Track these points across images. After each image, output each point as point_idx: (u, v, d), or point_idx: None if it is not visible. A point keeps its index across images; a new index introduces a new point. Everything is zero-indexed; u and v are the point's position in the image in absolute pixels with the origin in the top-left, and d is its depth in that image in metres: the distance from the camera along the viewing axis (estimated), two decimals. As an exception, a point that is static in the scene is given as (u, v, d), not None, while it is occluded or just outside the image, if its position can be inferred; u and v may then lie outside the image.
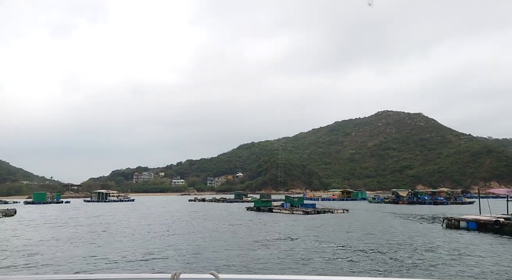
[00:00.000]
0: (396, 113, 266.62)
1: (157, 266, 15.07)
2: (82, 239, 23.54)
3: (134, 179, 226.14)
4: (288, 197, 51.33)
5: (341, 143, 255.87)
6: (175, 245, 20.19)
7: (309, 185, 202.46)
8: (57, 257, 17.52)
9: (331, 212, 42.21)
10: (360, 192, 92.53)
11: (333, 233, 24.86)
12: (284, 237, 22.54)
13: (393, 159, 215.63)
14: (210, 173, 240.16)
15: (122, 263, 15.65)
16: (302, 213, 41.12)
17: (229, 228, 27.86)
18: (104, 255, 17.59)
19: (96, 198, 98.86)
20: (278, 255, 16.65)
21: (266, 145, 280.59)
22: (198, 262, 15.79)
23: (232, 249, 18.43)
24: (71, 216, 44.35)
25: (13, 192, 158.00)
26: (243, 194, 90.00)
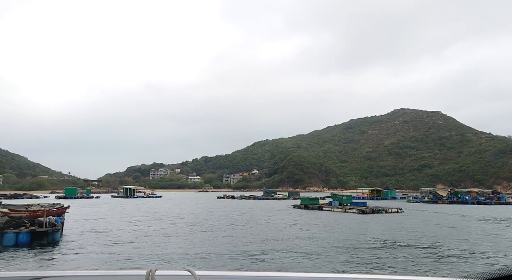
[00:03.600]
0: (413, 111, 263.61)
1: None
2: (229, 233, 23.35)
3: (150, 175, 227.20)
4: (336, 195, 50.79)
5: (357, 141, 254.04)
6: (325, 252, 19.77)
7: (327, 183, 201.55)
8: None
9: (385, 211, 41.57)
10: (390, 191, 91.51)
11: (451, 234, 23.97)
12: (405, 239, 21.89)
13: (411, 157, 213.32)
14: (225, 170, 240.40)
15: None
16: (357, 212, 40.57)
17: (327, 228, 26.99)
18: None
19: (123, 194, 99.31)
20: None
21: (281, 142, 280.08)
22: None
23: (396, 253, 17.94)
24: (146, 210, 44.59)
25: (36, 186, 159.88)
26: (272, 192, 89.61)
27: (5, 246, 19.05)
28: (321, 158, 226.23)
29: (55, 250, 19.19)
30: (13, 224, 20.00)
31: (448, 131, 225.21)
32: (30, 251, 18.65)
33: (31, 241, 19.87)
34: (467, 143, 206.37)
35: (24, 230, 19.78)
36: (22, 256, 17.48)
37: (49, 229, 20.35)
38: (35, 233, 20.01)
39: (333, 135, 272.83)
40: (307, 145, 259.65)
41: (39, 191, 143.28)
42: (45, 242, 20.17)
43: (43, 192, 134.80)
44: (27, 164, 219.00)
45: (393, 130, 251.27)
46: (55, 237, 20.49)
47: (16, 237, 19.44)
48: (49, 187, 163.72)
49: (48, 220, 20.67)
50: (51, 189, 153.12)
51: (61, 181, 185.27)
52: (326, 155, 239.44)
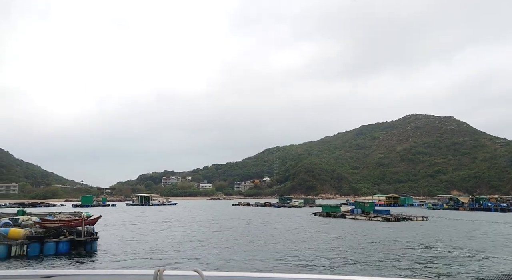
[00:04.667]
0: (425, 116, 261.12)
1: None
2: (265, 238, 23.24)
3: (162, 183, 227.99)
4: (358, 203, 50.24)
5: (369, 147, 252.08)
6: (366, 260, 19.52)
7: (339, 190, 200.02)
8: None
9: (411, 219, 40.93)
10: (407, 198, 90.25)
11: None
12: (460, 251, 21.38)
13: (424, 163, 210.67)
14: (236, 177, 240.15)
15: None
16: (382, 220, 40.01)
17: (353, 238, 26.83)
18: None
19: (138, 202, 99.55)
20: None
21: (291, 149, 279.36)
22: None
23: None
24: (167, 217, 44.51)
25: (50, 195, 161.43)
26: (288, 199, 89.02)
27: (46, 255, 19.15)
28: (332, 165, 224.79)
29: (96, 258, 19.22)
30: (53, 233, 20.11)
31: (462, 136, 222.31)
32: (71, 260, 18.70)
33: (70, 250, 19.94)
34: (481, 149, 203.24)
35: (63, 239, 19.87)
36: (64, 266, 17.53)
37: (88, 238, 20.42)
38: (74, 242, 20.08)
39: (344, 142, 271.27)
40: (318, 151, 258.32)
41: (53, 199, 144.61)
42: (83, 251, 20.23)
43: (57, 200, 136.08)
44: (41, 173, 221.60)
45: (405, 136, 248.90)
46: (93, 246, 20.54)
47: (56, 246, 19.53)
48: (63, 195, 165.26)
49: (86, 229, 20.72)
50: (65, 198, 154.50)
51: (75, 190, 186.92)
52: (337, 161, 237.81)
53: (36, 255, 18.93)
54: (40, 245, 19.18)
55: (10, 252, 18.49)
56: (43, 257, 18.83)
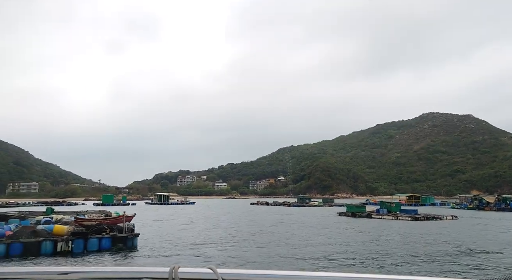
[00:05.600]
0: (443, 115, 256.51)
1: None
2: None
3: (178, 182, 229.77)
4: (384, 202, 49.61)
5: (385, 146, 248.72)
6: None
7: (355, 190, 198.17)
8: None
9: (440, 218, 40.19)
10: (428, 197, 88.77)
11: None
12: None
13: (442, 162, 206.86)
14: (251, 176, 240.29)
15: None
16: (411, 219, 39.41)
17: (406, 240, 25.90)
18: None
19: (157, 201, 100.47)
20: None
21: (306, 148, 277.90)
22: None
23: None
24: (192, 215, 44.89)
25: (69, 194, 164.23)
26: (307, 198, 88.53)
27: (90, 251, 19.43)
28: (348, 164, 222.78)
29: (138, 254, 19.41)
30: (95, 230, 20.40)
31: (481, 135, 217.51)
32: (115, 255, 18.92)
33: (112, 246, 20.19)
34: (502, 147, 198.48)
35: (106, 236, 20.13)
36: (110, 262, 17.73)
37: (129, 235, 20.65)
38: (116, 239, 20.34)
39: (359, 140, 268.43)
40: (333, 150, 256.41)
41: (73, 198, 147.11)
42: (125, 247, 20.45)
43: (76, 199, 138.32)
44: (60, 172, 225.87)
45: (422, 134, 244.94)
46: (134, 242, 20.76)
47: (99, 243, 19.81)
48: (82, 194, 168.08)
49: (126, 226, 20.96)
50: (84, 197, 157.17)
51: (93, 189, 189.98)
52: (353, 160, 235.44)
53: (80, 251, 19.24)
54: (84, 241, 19.49)
55: (56, 248, 18.84)
56: (87, 253, 19.13)
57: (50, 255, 18.45)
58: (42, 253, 18.46)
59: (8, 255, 17.79)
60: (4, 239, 18.07)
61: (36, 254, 18.28)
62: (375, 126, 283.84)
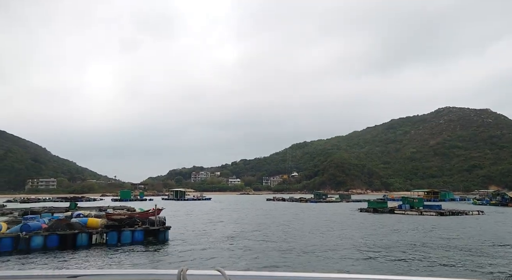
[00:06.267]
0: (460, 109, 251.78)
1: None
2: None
3: (192, 178, 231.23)
4: (406, 198, 48.81)
5: (400, 142, 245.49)
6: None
7: (370, 185, 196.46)
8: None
9: (466, 213, 39.44)
10: (447, 192, 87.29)
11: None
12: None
13: (459, 158, 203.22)
14: (264, 172, 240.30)
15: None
16: (436, 214, 38.74)
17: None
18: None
19: (173, 196, 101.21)
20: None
21: (319, 144, 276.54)
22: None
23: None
24: (211, 210, 45.14)
25: (86, 190, 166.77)
26: (324, 194, 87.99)
27: (123, 243, 19.59)
28: (362, 160, 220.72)
29: (171, 247, 19.47)
30: (127, 223, 20.56)
31: (500, 129, 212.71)
32: (148, 248, 19.02)
33: (144, 238, 20.31)
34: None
35: (138, 229, 20.27)
36: (144, 254, 17.82)
37: (161, 228, 20.73)
38: (148, 231, 20.46)
39: (374, 136, 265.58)
40: (347, 146, 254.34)
41: (90, 194, 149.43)
42: (156, 240, 20.55)
43: (93, 195, 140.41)
44: (76, 168, 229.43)
45: (438, 129, 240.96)
46: (166, 235, 20.84)
47: (132, 235, 19.95)
48: (99, 190, 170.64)
49: (158, 219, 21.06)
50: (101, 192, 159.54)
51: (109, 185, 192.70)
52: (367, 156, 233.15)
53: (114, 243, 19.42)
54: (118, 234, 19.65)
55: (91, 240, 19.05)
56: (120, 245, 19.28)
57: (86, 247, 18.67)
58: (78, 245, 18.69)
59: (46, 247, 18.05)
60: (41, 231, 18.33)
61: (72, 246, 18.52)
62: (390, 121, 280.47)
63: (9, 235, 17.69)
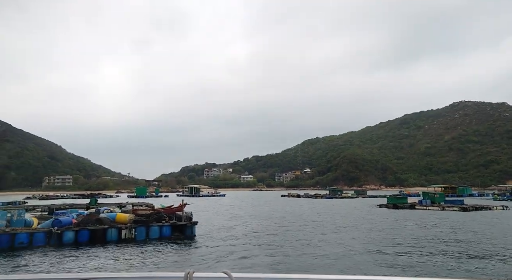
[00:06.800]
0: (475, 103, 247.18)
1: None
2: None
3: (204, 175, 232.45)
4: (427, 193, 48.19)
5: (414, 137, 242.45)
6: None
7: (384, 181, 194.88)
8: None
9: (489, 208, 38.66)
10: (465, 188, 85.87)
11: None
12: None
13: (475, 153, 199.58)
14: (276, 168, 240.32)
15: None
16: (459, 210, 38.06)
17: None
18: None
19: (188, 193, 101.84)
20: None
21: (332, 140, 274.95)
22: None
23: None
24: (229, 206, 45.23)
25: (102, 186, 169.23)
26: (339, 190, 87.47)
27: (151, 238, 19.66)
28: (376, 155, 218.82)
29: (199, 242, 19.44)
30: (155, 218, 20.63)
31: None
32: (176, 243, 19.03)
33: (171, 234, 20.36)
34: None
35: (166, 224, 20.32)
36: (178, 250, 17.84)
37: (188, 223, 20.75)
38: (175, 227, 20.51)
39: (387, 131, 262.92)
40: (360, 142, 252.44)
41: (105, 191, 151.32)
42: (183, 235, 20.56)
43: (108, 191, 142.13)
44: (91, 166, 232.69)
45: (452, 124, 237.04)
46: (193, 230, 20.85)
47: (160, 230, 20.01)
48: (113, 187, 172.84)
49: (185, 214, 21.08)
50: (116, 189, 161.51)
51: (123, 182, 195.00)
52: (380, 151, 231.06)
53: (143, 238, 19.50)
54: (146, 229, 19.73)
55: (120, 235, 19.16)
56: (149, 241, 19.34)
57: (115, 242, 18.78)
58: (108, 240, 18.82)
59: (77, 242, 18.23)
60: (72, 227, 18.51)
61: (102, 241, 18.65)
62: (403, 116, 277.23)
63: (42, 230, 17.92)
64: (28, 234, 17.47)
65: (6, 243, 17.05)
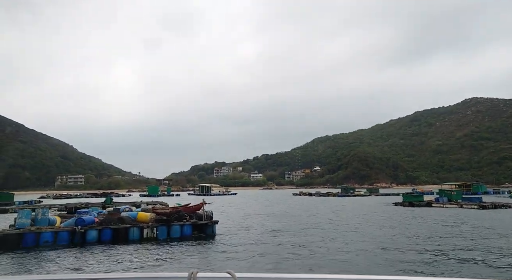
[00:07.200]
0: (488, 100, 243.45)
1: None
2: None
3: (214, 174, 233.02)
4: (443, 191, 47.56)
5: (425, 134, 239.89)
6: None
7: (395, 179, 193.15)
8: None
9: (509, 206, 37.93)
10: (480, 185, 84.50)
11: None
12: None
13: (488, 150, 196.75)
14: (286, 167, 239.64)
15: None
16: (477, 208, 37.44)
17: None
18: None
19: (199, 192, 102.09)
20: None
21: (341, 138, 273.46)
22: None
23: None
24: (244, 205, 45.25)
25: (113, 186, 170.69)
26: (351, 189, 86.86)
27: (172, 237, 19.63)
28: (386, 153, 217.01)
29: (219, 241, 19.35)
30: (176, 217, 20.61)
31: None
32: (198, 242, 18.98)
33: (192, 233, 20.32)
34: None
35: (187, 223, 20.29)
36: (200, 249, 17.79)
37: (209, 222, 20.70)
38: (196, 226, 20.47)
39: (397, 129, 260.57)
40: (370, 139, 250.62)
41: (117, 190, 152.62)
42: (204, 234, 20.50)
43: (120, 190, 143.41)
44: (102, 165, 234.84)
45: (464, 121, 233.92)
46: (213, 229, 20.79)
47: (181, 229, 19.98)
48: (125, 186, 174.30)
49: (205, 213, 21.03)
50: (127, 188, 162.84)
51: (134, 181, 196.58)
52: (391, 149, 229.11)
53: (164, 238, 19.48)
54: (167, 228, 19.72)
55: (142, 234, 19.19)
56: (170, 240, 19.31)
57: (137, 241, 18.80)
58: (130, 239, 18.85)
59: (100, 241, 18.30)
60: (95, 226, 18.59)
61: (125, 240, 18.68)
62: (413, 114, 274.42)
63: (66, 229, 18.02)
64: (52, 233, 17.60)
65: (31, 242, 17.19)
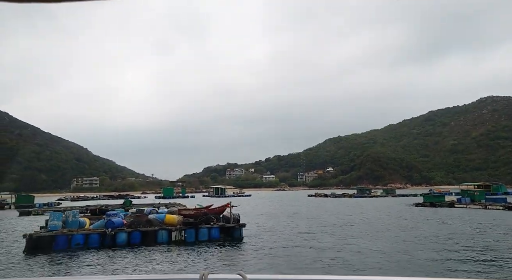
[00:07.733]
0: (504, 98, 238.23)
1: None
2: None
3: (226, 175, 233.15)
4: (466, 191, 46.69)
5: (439, 134, 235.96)
6: None
7: (409, 180, 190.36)
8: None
9: (536, 207, 36.97)
10: (500, 186, 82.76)
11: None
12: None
13: (505, 149, 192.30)
14: (299, 168, 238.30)
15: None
16: (503, 208, 36.57)
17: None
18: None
19: (214, 193, 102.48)
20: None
21: (354, 138, 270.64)
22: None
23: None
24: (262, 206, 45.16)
25: (127, 188, 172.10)
26: (367, 190, 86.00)
27: (200, 240, 19.54)
28: (400, 153, 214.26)
29: (247, 245, 19.19)
30: (203, 220, 20.53)
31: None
32: (226, 246, 18.84)
33: (219, 236, 20.18)
34: None
35: (214, 226, 20.19)
36: (229, 253, 17.66)
37: (236, 225, 20.57)
38: (224, 229, 20.35)
39: (411, 129, 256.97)
40: (383, 140, 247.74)
41: (131, 192, 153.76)
42: (230, 238, 20.33)
43: (135, 192, 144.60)
44: (116, 167, 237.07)
45: (480, 120, 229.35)
46: (241, 232, 20.65)
47: (208, 232, 19.89)
48: (139, 188, 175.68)
49: (233, 216, 20.91)
50: (141, 190, 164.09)
51: (148, 183, 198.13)
52: (405, 149, 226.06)
53: (192, 240, 19.40)
54: (195, 231, 19.65)
55: (170, 237, 19.16)
56: (198, 243, 19.22)
57: (166, 244, 18.78)
58: (159, 241, 18.84)
59: (129, 243, 18.32)
60: (125, 228, 18.63)
61: (153, 243, 18.68)
62: (428, 113, 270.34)
63: (97, 232, 18.11)
64: (83, 235, 17.70)
65: (63, 244, 17.32)
